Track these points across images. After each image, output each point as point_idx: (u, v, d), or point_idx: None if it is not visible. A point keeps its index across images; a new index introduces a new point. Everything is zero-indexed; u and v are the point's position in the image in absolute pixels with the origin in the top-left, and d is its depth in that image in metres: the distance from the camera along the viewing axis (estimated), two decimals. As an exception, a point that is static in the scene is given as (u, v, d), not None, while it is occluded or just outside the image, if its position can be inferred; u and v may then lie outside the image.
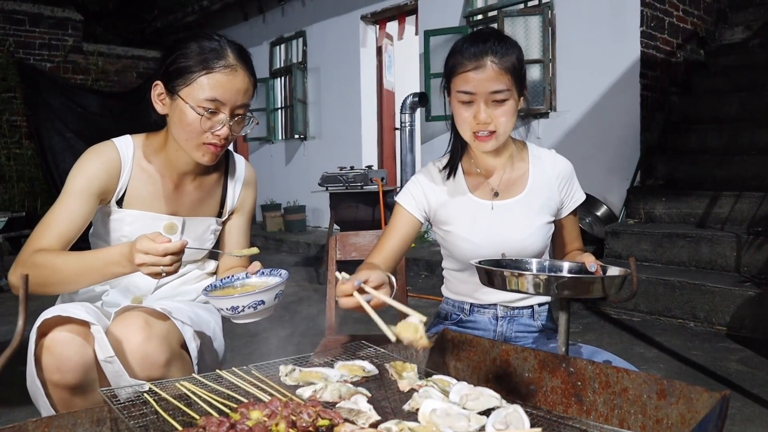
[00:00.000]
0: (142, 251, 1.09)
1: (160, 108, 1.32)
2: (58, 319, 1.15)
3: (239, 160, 1.54)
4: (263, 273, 1.29)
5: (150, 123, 1.37)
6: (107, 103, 8.19)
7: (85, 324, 1.15)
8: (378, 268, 1.23)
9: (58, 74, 8.06)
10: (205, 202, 1.46)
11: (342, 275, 1.09)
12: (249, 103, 1.32)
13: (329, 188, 4.71)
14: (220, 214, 1.49)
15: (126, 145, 1.37)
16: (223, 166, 1.50)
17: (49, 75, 7.92)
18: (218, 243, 1.53)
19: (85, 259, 1.20)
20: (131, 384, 1.06)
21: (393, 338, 0.91)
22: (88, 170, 1.31)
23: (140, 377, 1.15)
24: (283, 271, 1.26)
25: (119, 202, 1.36)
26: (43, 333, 1.14)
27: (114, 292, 1.40)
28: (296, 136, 7.73)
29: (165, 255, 1.09)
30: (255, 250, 1.36)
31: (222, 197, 1.49)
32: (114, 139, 1.37)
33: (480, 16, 5.59)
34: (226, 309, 1.17)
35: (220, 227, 1.51)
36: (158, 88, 1.30)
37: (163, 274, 1.11)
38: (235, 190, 1.50)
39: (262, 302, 1.17)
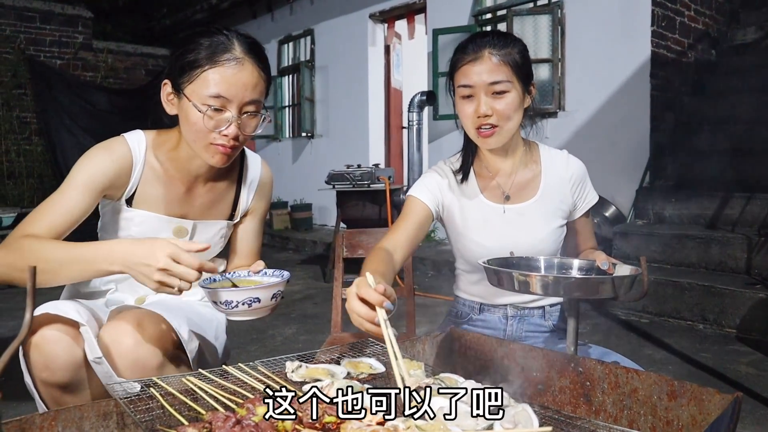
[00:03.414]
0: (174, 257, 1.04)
1: (169, 108, 1.24)
2: (49, 316, 1.12)
3: (254, 160, 1.45)
4: (266, 273, 1.26)
5: (158, 120, 1.32)
6: (116, 100, 8.27)
7: (75, 324, 1.13)
8: (385, 276, 1.13)
9: (68, 71, 8.12)
10: (216, 205, 1.39)
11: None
12: (260, 99, 1.22)
13: (336, 186, 4.71)
14: (231, 217, 1.43)
15: (138, 141, 1.29)
16: (237, 167, 1.41)
17: (59, 72, 7.99)
18: (229, 245, 1.48)
19: (76, 250, 1.10)
20: (120, 382, 1.00)
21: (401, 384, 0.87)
22: (96, 165, 1.24)
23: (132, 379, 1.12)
24: (285, 272, 1.23)
25: (129, 201, 1.30)
26: (32, 330, 1.11)
27: (120, 288, 1.38)
28: (303, 134, 7.73)
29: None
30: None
31: (235, 200, 1.42)
32: (125, 135, 1.29)
33: (489, 15, 5.57)
34: (220, 303, 1.13)
35: (231, 230, 1.45)
36: (167, 87, 1.23)
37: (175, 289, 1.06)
38: (249, 193, 1.43)
39: (258, 300, 1.13)
